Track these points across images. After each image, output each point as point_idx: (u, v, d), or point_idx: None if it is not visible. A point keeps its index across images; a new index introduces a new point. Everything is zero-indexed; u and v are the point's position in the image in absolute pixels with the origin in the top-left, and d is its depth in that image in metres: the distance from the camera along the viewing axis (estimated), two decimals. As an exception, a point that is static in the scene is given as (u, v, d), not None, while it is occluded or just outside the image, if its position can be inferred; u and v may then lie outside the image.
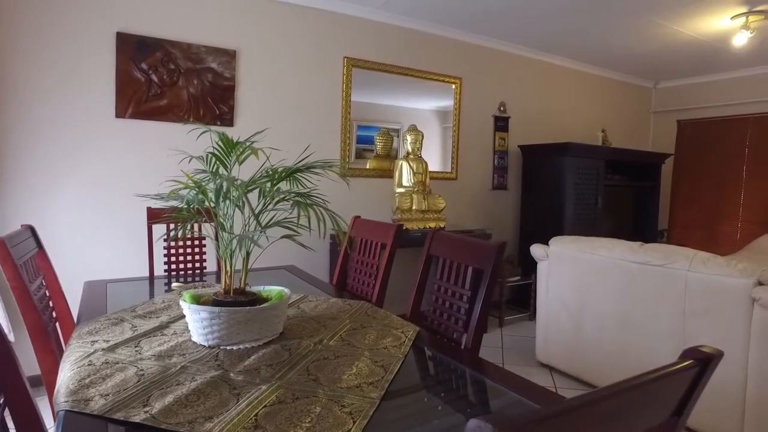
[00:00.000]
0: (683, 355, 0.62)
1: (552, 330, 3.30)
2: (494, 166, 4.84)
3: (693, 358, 0.61)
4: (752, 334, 2.29)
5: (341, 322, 1.75)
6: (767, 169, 5.53)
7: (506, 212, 4.99)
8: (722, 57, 5.06)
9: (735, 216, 5.82)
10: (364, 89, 4.12)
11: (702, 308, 2.46)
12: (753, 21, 3.86)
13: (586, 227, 4.72)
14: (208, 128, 1.57)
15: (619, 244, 2.88)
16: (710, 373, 0.62)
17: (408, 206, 3.84)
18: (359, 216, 2.49)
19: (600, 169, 4.79)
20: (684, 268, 2.52)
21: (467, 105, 4.62)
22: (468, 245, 1.70)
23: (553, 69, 5.27)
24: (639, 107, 6.41)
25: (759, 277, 2.29)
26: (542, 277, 3.34)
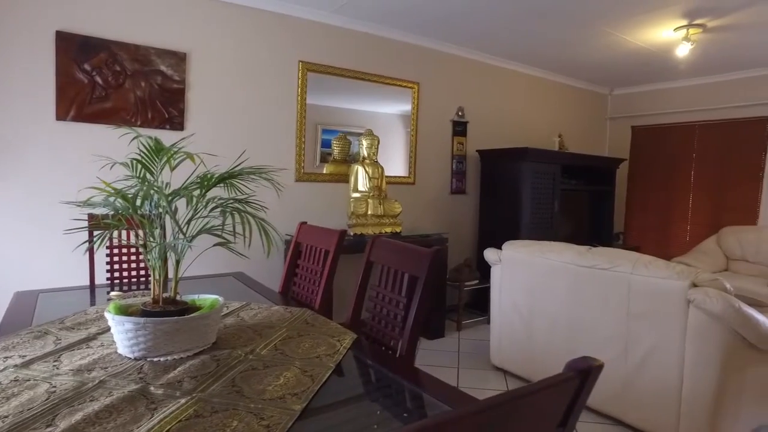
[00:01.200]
0: (567, 367, 0.62)
1: (505, 333, 3.34)
2: (453, 170, 4.88)
3: (575, 370, 0.61)
4: (688, 334, 2.36)
5: (277, 331, 1.72)
6: (712, 175, 5.75)
7: (465, 216, 5.03)
8: (670, 66, 5.23)
9: (684, 219, 6.02)
10: (328, 93, 4.11)
11: (644, 310, 2.52)
12: (693, 33, 4.00)
13: (544, 231, 4.80)
14: (136, 132, 1.52)
15: (568, 248, 2.93)
16: (591, 385, 0.62)
17: (363, 211, 3.82)
18: (305, 222, 2.46)
19: (557, 173, 4.88)
20: (627, 271, 2.58)
21: (425, 110, 4.64)
22: (404, 252, 1.69)
23: (511, 75, 5.35)
24: (595, 113, 6.57)
25: (694, 279, 2.36)
26: (496, 281, 3.38)
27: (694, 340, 2.35)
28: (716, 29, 4.03)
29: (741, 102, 5.47)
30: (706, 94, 5.75)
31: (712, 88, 5.70)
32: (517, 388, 0.60)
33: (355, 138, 4.25)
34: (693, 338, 2.35)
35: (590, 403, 2.82)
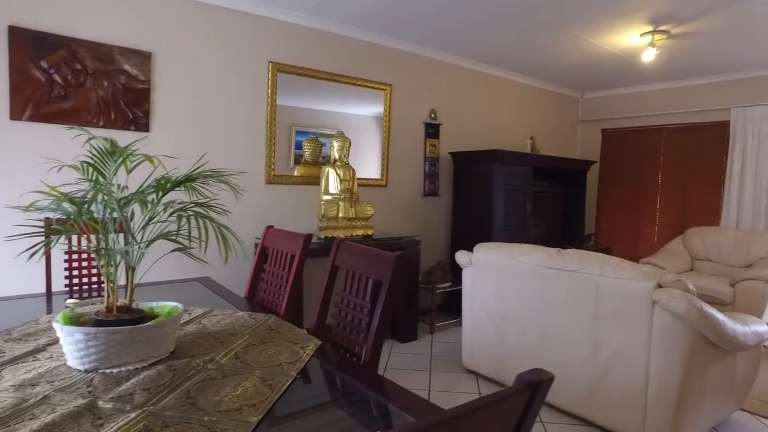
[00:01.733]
0: (517, 380, 0.60)
1: (477, 336, 3.33)
2: (425, 172, 4.87)
3: (525, 383, 0.59)
4: (653, 334, 2.39)
5: (240, 338, 1.67)
6: (678, 177, 5.89)
7: (438, 219, 5.03)
8: (638, 71, 5.34)
9: (652, 220, 6.15)
10: (302, 95, 4.07)
11: (611, 311, 2.54)
12: (658, 39, 4.08)
13: (516, 233, 4.83)
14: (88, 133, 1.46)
15: (538, 250, 2.94)
16: (542, 398, 0.60)
17: (334, 214, 3.78)
18: (272, 226, 2.41)
19: (528, 175, 4.92)
20: (596, 272, 2.60)
21: (398, 112, 4.63)
22: (368, 256, 1.66)
23: (483, 77, 5.38)
24: (567, 116, 6.66)
25: (659, 280, 2.39)
26: (467, 283, 3.37)
27: (659, 340, 2.38)
28: (679, 36, 4.12)
29: (704, 107, 5.61)
30: (672, 98, 5.88)
31: (677, 93, 5.84)
32: (472, 401, 0.57)
33: (327, 140, 4.20)
34: (658, 338, 2.38)
35: (560, 404, 2.84)
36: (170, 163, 2.04)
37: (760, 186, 5.25)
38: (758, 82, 5.26)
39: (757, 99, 5.25)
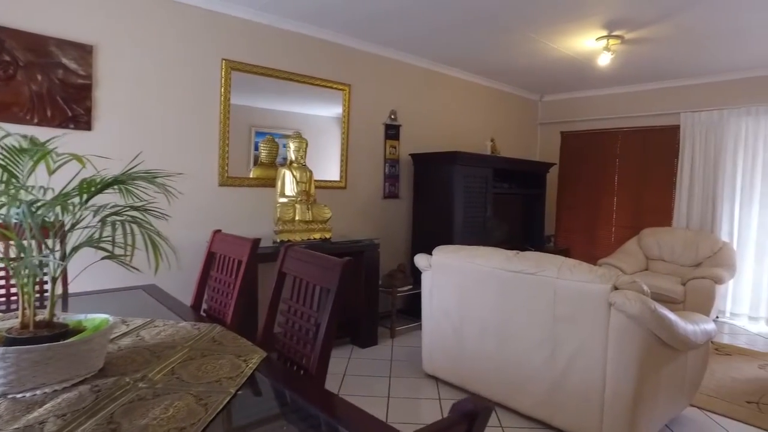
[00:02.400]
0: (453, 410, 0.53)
1: (436, 341, 3.28)
2: (385, 174, 4.81)
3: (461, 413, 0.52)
4: (609, 336, 2.39)
5: (178, 352, 1.55)
6: (634, 179, 6.03)
7: (399, 221, 4.97)
8: (595, 75, 5.43)
9: (610, 221, 6.27)
10: (261, 95, 3.99)
11: (569, 314, 2.53)
12: (613, 44, 4.15)
13: (477, 234, 4.82)
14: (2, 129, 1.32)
15: (496, 253, 2.91)
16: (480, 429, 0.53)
17: (291, 217, 3.67)
18: (220, 230, 2.29)
19: (489, 177, 4.92)
20: (553, 275, 2.58)
21: (357, 113, 4.55)
22: (316, 262, 1.58)
23: (444, 78, 5.37)
24: (527, 118, 6.73)
25: (615, 282, 2.39)
26: (426, 287, 3.32)
27: (615, 341, 2.38)
28: (633, 41, 4.20)
29: (656, 111, 5.76)
30: (627, 102, 6.02)
31: (632, 98, 5.98)
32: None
33: (286, 141, 4.09)
34: (614, 340, 2.38)
35: (519, 408, 2.81)
36: (110, 164, 1.90)
37: (707, 188, 5.43)
38: (704, 89, 5.43)
39: (703, 105, 5.43)
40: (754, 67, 4.96)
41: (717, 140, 5.35)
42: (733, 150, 5.27)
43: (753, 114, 5.13)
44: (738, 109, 5.21)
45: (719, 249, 5.13)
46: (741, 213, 5.26)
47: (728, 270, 4.84)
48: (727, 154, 5.29)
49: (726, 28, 3.87)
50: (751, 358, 4.09)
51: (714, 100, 5.37)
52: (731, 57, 4.64)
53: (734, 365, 3.90)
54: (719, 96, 5.34)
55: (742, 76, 5.18)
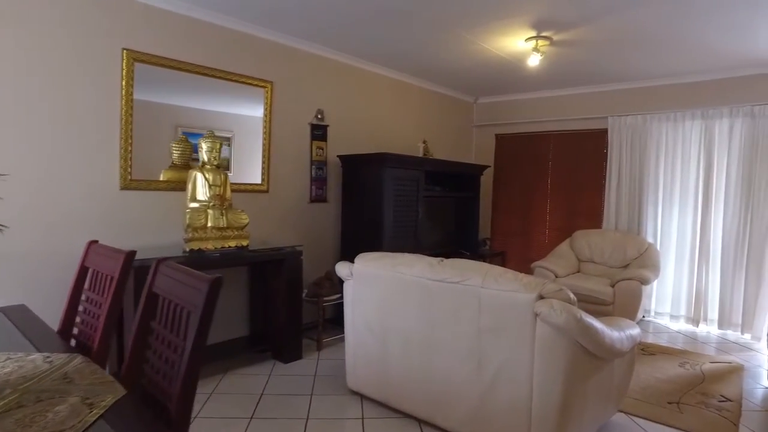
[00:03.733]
0: None
1: (360, 355, 3.06)
2: (312, 177, 4.55)
3: None
4: (536, 347, 2.25)
5: (6, 398, 1.24)
6: (566, 182, 6.08)
7: (326, 226, 4.72)
8: (528, 77, 5.42)
9: (544, 223, 6.30)
10: (186, 93, 3.68)
11: (494, 325, 2.37)
12: (542, 45, 4.10)
13: (408, 239, 4.65)
14: None
15: (419, 260, 2.73)
16: None
17: (202, 223, 3.34)
18: (96, 240, 1.96)
19: (420, 180, 4.77)
20: (478, 284, 2.42)
21: (281, 112, 4.27)
22: (184, 279, 1.31)
23: (375, 78, 5.18)
24: (462, 121, 6.66)
25: (540, 290, 2.25)
26: (348, 297, 3.09)
27: (541, 353, 2.24)
28: (561, 43, 4.17)
29: (586, 114, 5.83)
30: (558, 105, 6.07)
31: (563, 101, 6.03)
32: None
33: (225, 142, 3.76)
34: (541, 351, 2.24)
35: (446, 425, 2.64)
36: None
37: (633, 191, 5.53)
38: (630, 94, 5.54)
39: (629, 109, 5.53)
40: (675, 74, 5.09)
41: (641, 144, 5.46)
42: (656, 154, 5.39)
43: (672, 120, 5.27)
44: (659, 114, 5.33)
45: (645, 250, 5.23)
46: (663, 215, 5.39)
47: (653, 271, 4.93)
48: (651, 158, 5.41)
49: (648, 34, 3.90)
50: (672, 356, 4.15)
51: (638, 104, 5.49)
52: (654, 64, 4.73)
53: (658, 364, 3.94)
54: (643, 101, 5.46)
55: (663, 83, 5.31)
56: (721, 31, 3.82)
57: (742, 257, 4.88)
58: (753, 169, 4.83)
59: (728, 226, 4.98)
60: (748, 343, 4.68)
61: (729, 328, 4.97)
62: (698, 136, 5.15)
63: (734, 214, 4.94)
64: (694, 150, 5.18)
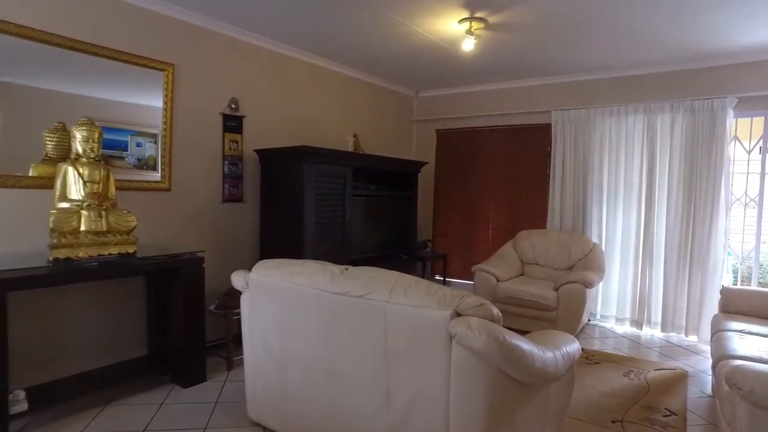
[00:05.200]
0: None
1: (260, 381, 2.59)
2: (225, 174, 4.03)
3: None
4: (452, 378, 1.85)
5: None
6: (510, 179, 5.78)
7: (243, 229, 4.21)
8: (469, 69, 5.08)
9: (486, 223, 5.98)
10: (72, 78, 3.16)
11: (404, 349, 1.96)
12: (476, 28, 3.75)
13: (335, 244, 4.21)
14: None
15: (321, 269, 2.28)
16: None
17: (73, 227, 2.79)
18: None
19: (348, 176, 4.33)
20: (383, 298, 2.00)
21: (185, 99, 3.74)
22: None
23: (299, 65, 4.70)
24: (402, 115, 6.28)
25: (457, 306, 1.85)
26: (245, 312, 2.62)
27: (459, 381, 1.84)
28: (497, 26, 3.83)
29: (530, 108, 5.55)
30: (501, 99, 5.77)
31: (506, 94, 5.73)
32: None
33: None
34: (458, 380, 1.84)
35: (353, 466, 2.21)
36: None
37: (577, 189, 5.28)
38: (573, 87, 5.30)
39: (572, 103, 5.29)
40: (618, 66, 4.87)
41: (585, 140, 5.21)
42: (600, 150, 5.16)
43: (615, 114, 5.04)
44: (603, 108, 5.10)
45: (590, 251, 4.98)
46: (608, 214, 5.16)
47: (598, 273, 4.67)
48: (595, 154, 5.17)
49: (587, 18, 3.60)
50: (616, 364, 3.89)
51: (582, 98, 5.24)
52: (596, 54, 4.47)
53: (602, 375, 3.65)
54: (587, 94, 5.22)
55: (606, 76, 5.09)
56: (664, 18, 3.58)
57: (685, 257, 4.69)
58: (694, 166, 4.65)
59: (671, 225, 4.78)
60: (692, 346, 4.49)
61: (673, 330, 4.77)
62: (641, 132, 4.93)
63: (677, 213, 4.75)
64: (638, 146, 4.96)
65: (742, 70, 4.48)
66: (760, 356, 2.81)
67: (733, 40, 4.07)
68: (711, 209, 4.54)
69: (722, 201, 4.53)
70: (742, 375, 2.01)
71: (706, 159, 4.57)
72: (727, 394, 2.26)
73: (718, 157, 4.52)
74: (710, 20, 3.61)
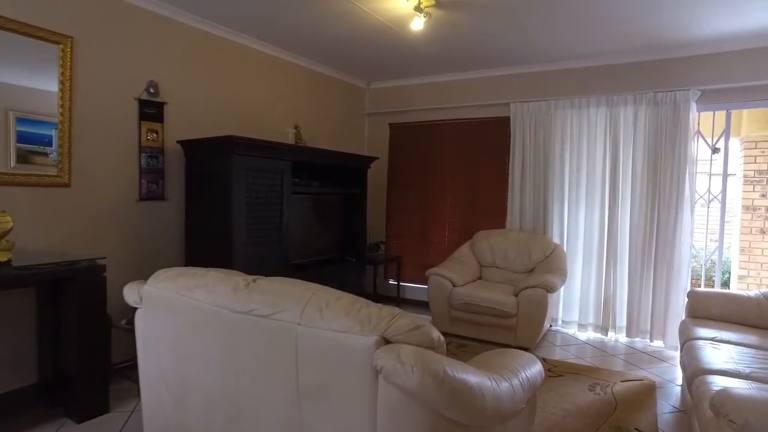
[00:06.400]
0: None
1: (157, 415, 2.11)
2: (141, 168, 3.50)
3: None
4: (379, 422, 1.42)
5: None
6: (467, 176, 5.43)
7: (165, 231, 3.68)
8: (423, 58, 4.69)
9: (442, 223, 5.62)
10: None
11: (320, 383, 1.52)
12: (426, 5, 3.36)
13: (271, 247, 3.73)
14: None
15: (225, 280, 1.82)
16: None
17: None
18: None
19: (286, 171, 3.86)
20: (294, 319, 1.56)
21: (89, 80, 3.19)
22: None
23: (237, 49, 4.21)
24: (353, 108, 5.84)
25: (384, 331, 1.42)
26: (139, 332, 2.12)
27: (389, 426, 1.42)
28: (448, 4, 3.44)
29: (487, 101, 5.22)
30: (458, 90, 5.41)
31: (463, 85, 5.38)
32: None
33: None
34: (387, 424, 1.42)
35: None
36: None
37: (538, 186, 4.96)
38: (532, 78, 4.99)
39: (532, 95, 4.98)
40: (579, 56, 4.58)
41: (546, 134, 4.90)
42: (561, 145, 4.86)
43: (577, 106, 4.75)
44: (564, 101, 4.80)
45: (551, 252, 4.67)
46: (570, 213, 4.86)
47: (560, 276, 4.36)
48: (556, 149, 4.87)
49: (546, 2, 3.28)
50: (581, 376, 3.57)
51: (542, 90, 4.94)
52: (555, 43, 4.16)
53: (566, 390, 3.31)
54: (547, 86, 4.92)
55: (567, 66, 4.80)
56: (627, 5, 3.30)
57: (650, 257, 4.43)
58: (658, 161, 4.40)
59: (635, 224, 4.52)
60: (657, 352, 4.23)
61: (638, 335, 4.50)
62: (604, 125, 4.65)
63: (641, 210, 4.48)
64: (600, 140, 4.68)
65: (705, 61, 4.27)
66: (738, 369, 2.52)
67: (696, 31, 3.86)
68: (676, 207, 4.30)
69: (686, 198, 4.29)
70: (733, 404, 1.67)
71: (670, 154, 4.33)
72: (711, 421, 1.92)
73: (682, 151, 4.28)
74: (675, 9, 3.35)
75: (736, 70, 4.17)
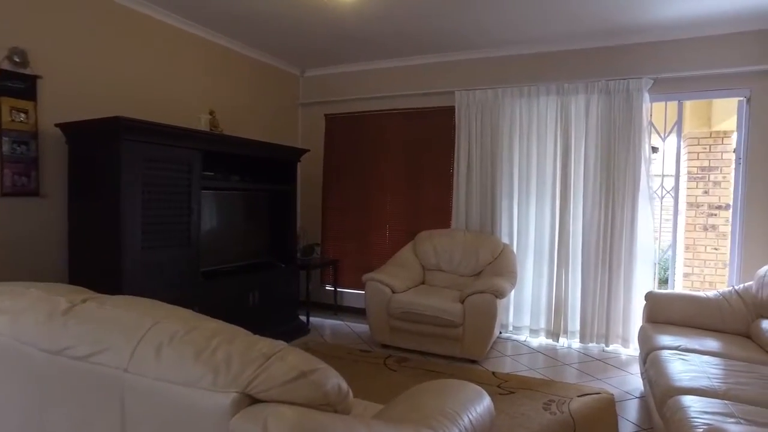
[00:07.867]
0: None
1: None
2: (3, 155, 2.83)
3: None
4: None
5: None
6: (410, 171, 4.99)
7: (41, 234, 3.01)
8: (360, 41, 4.21)
9: (383, 223, 5.15)
10: None
11: (161, 460, 0.99)
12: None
13: (174, 253, 3.14)
14: None
15: (38, 303, 1.25)
16: None
17: None
18: None
19: (195, 163, 3.27)
20: (120, 363, 1.02)
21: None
22: None
23: (139, 19, 3.58)
24: (284, 97, 5.28)
25: (248, 385, 0.91)
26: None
27: None
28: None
29: (431, 89, 4.79)
30: (398, 78, 4.95)
31: (403, 72, 4.93)
32: None
33: None
34: None
35: None
36: None
37: (485, 180, 4.57)
38: (478, 64, 4.60)
39: (478, 82, 4.59)
40: (528, 41, 4.22)
41: (493, 124, 4.52)
42: (509, 136, 4.49)
43: (526, 95, 4.40)
44: (512, 88, 4.44)
45: (500, 253, 4.28)
46: (519, 210, 4.50)
47: (510, 279, 3.98)
48: (504, 140, 4.50)
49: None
50: (534, 392, 3.18)
51: (489, 77, 4.56)
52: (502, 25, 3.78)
53: (519, 410, 2.91)
54: (494, 73, 4.55)
55: (516, 52, 4.44)
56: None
57: (604, 257, 4.12)
58: (612, 153, 4.10)
59: (588, 220, 4.20)
60: (612, 358, 3.92)
61: (592, 340, 4.19)
62: (554, 115, 4.31)
63: (594, 206, 4.17)
64: (551, 130, 4.34)
65: (658, 49, 4.01)
66: (713, 386, 2.18)
67: (650, 16, 3.61)
68: (632, 201, 4.01)
69: (642, 192, 4.01)
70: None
71: (624, 145, 4.04)
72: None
73: (636, 142, 4.00)
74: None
75: (689, 59, 3.94)
